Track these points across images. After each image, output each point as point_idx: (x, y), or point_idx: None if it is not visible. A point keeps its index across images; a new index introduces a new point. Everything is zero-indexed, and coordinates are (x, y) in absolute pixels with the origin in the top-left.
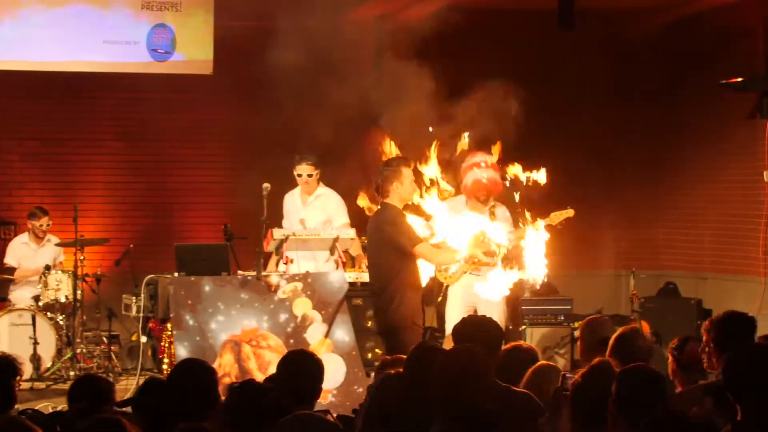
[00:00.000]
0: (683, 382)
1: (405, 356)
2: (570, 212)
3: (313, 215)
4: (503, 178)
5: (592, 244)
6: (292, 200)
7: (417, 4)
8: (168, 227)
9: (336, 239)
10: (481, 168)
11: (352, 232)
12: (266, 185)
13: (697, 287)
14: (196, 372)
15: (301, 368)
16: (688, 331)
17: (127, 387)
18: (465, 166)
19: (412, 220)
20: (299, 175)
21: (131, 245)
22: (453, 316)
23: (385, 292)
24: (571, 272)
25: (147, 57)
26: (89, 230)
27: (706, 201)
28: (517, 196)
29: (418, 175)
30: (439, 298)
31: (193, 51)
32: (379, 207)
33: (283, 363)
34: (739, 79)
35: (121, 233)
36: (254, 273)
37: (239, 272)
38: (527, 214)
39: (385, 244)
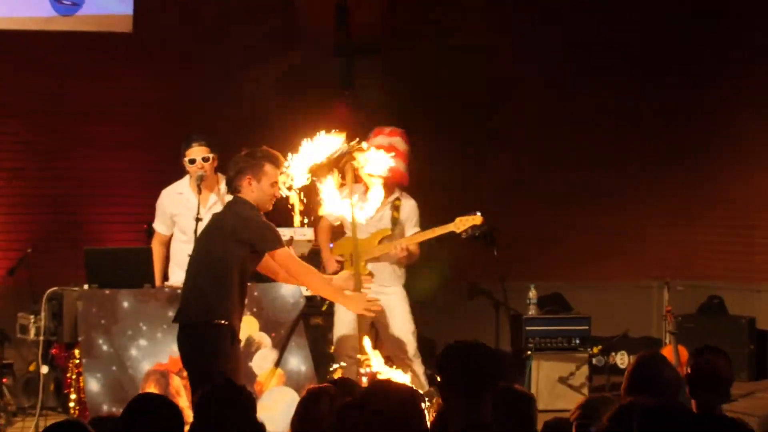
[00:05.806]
0: None
1: None
2: (477, 219)
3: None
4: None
5: (614, 248)
6: (180, 200)
7: None
8: (76, 226)
9: (290, 240)
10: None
11: (309, 232)
12: (201, 173)
13: (748, 302)
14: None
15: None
16: (737, 357)
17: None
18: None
19: None
20: (191, 161)
21: (29, 250)
22: (341, 328)
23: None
24: (589, 283)
25: (49, 9)
26: None
27: (756, 197)
28: None
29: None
30: (324, 307)
31: (108, 2)
32: (230, 201)
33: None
34: None
35: (16, 234)
36: None
37: (166, 284)
38: None
39: (226, 235)
